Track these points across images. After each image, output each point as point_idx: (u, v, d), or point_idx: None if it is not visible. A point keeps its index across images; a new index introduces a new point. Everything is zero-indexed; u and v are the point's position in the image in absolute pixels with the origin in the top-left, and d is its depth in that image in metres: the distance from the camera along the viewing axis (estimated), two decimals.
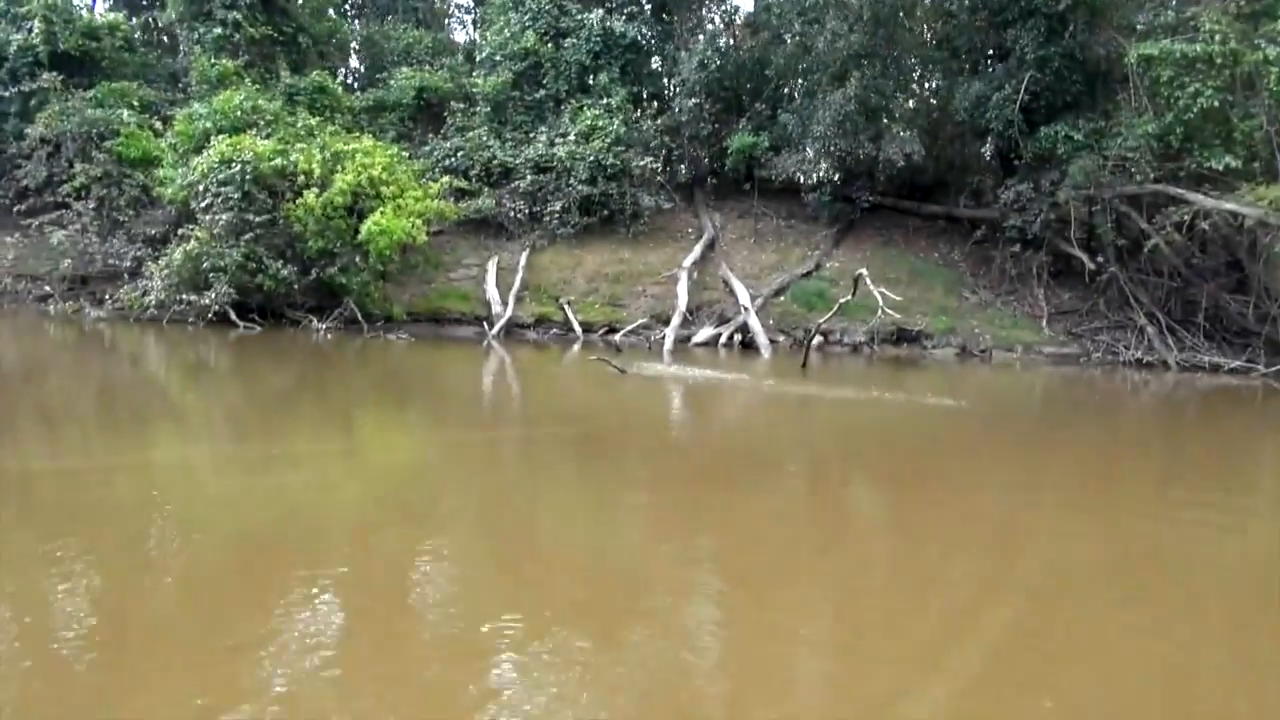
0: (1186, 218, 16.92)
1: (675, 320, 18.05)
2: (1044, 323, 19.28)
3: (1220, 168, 17.11)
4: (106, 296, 19.14)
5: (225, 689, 3.54)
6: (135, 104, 21.84)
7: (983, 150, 21.32)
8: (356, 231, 17.65)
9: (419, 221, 17.98)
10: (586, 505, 6.80)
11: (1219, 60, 17.22)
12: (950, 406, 12.71)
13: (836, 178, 21.12)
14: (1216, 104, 17.11)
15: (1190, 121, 17.46)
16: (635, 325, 18.43)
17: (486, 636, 4.10)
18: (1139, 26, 19.10)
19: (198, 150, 18.98)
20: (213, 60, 22.22)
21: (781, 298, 19.52)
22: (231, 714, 3.33)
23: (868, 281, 15.41)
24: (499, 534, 5.95)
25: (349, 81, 27.61)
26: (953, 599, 5.05)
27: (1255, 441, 12.21)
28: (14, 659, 3.73)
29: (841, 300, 15.98)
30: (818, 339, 17.16)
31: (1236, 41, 17.17)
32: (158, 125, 21.20)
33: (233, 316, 17.50)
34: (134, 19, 27.01)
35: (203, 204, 17.80)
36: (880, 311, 16.00)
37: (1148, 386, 15.95)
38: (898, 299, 16.29)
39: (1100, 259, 18.75)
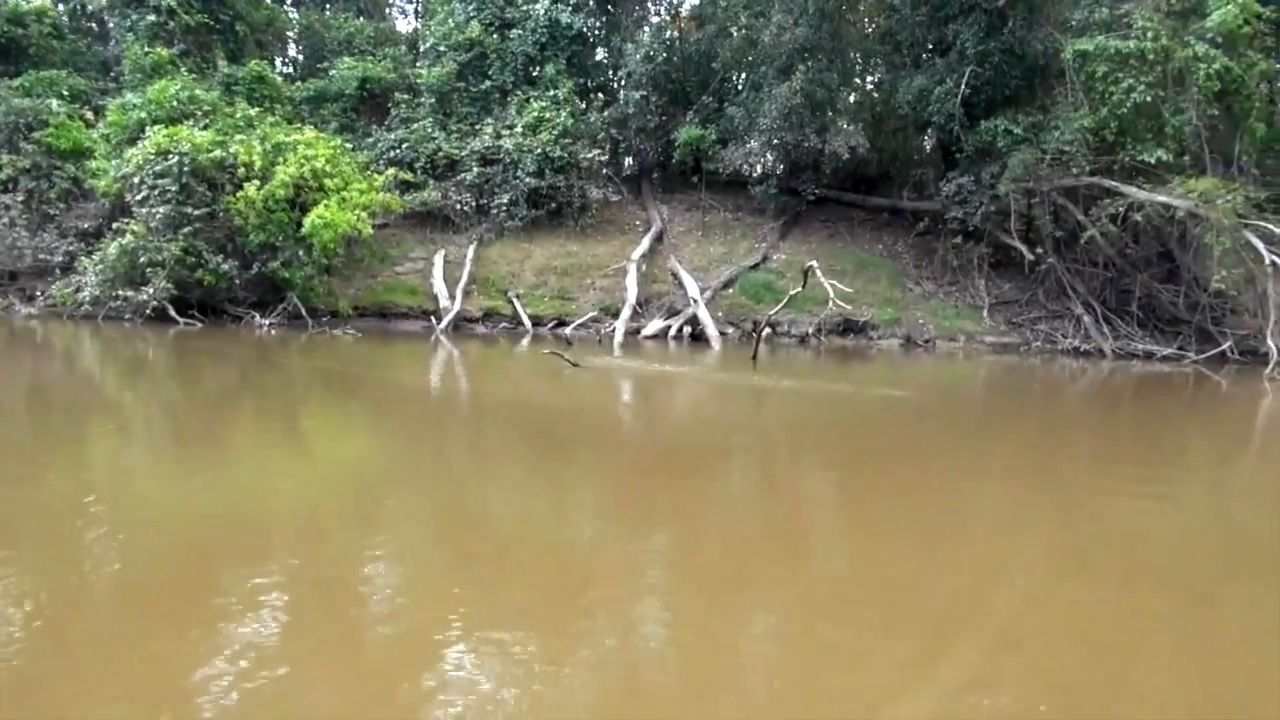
0: (1121, 210, 17.39)
1: (625, 313, 18.06)
2: (985, 313, 19.70)
3: (1152, 161, 17.64)
4: (38, 293, 18.52)
5: (164, 692, 3.46)
6: (65, 93, 21.19)
7: (925, 143, 21.65)
8: (299, 225, 17.33)
9: (364, 214, 17.72)
10: (538, 500, 6.75)
11: (1151, 56, 17.73)
12: (899, 396, 12.91)
13: (782, 170, 21.32)
14: (1149, 99, 17.61)
15: (1124, 116, 17.95)
16: (585, 318, 18.40)
17: (432, 634, 4.04)
18: (1075, 23, 19.52)
19: (132, 141, 18.48)
20: (146, 49, 21.62)
21: (730, 290, 19.64)
22: (171, 716, 3.26)
23: (818, 273, 15.57)
24: (447, 531, 5.87)
25: (288, 71, 27.08)
26: (903, 582, 5.13)
27: (1187, 424, 12.64)
28: None
29: (792, 292, 16.13)
30: (766, 330, 17.29)
31: (1167, 39, 17.68)
32: (89, 115, 20.58)
33: (171, 313, 17.08)
34: (61, 5, 26.12)
35: (138, 197, 17.32)
36: (831, 303, 16.17)
37: (1085, 374, 16.37)
38: (849, 291, 16.46)
39: (1039, 250, 19.20)
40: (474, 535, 5.75)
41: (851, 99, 24.08)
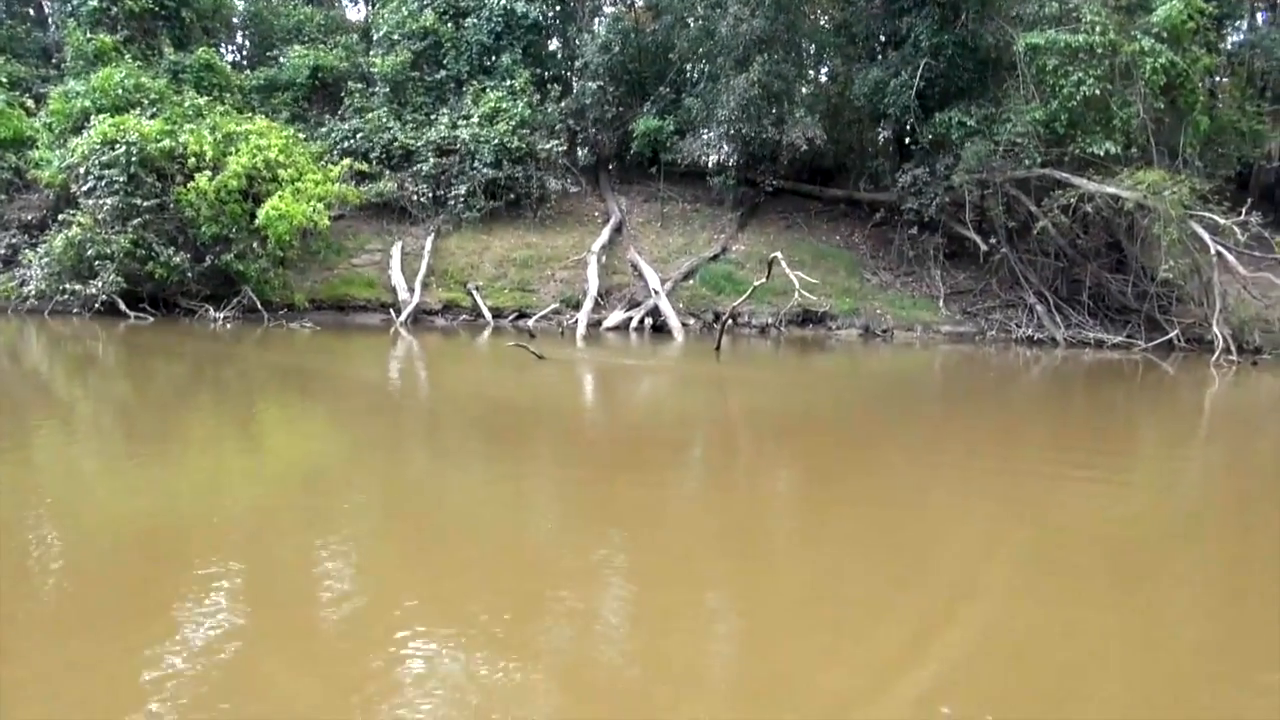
0: (1072, 201, 17.76)
1: (587, 305, 18.01)
2: (941, 302, 20.00)
3: (1101, 153, 18.06)
4: None
5: (116, 692, 3.39)
6: (3, 80, 20.45)
7: (880, 135, 21.89)
8: (253, 216, 16.98)
9: (320, 206, 17.42)
10: (503, 497, 6.69)
11: (1099, 50, 18.16)
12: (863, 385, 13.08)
13: (740, 161, 21.40)
14: (1097, 92, 18.03)
15: (1074, 109, 18.37)
16: (547, 310, 18.31)
17: (389, 632, 3.98)
18: (1026, 17, 19.86)
19: (76, 130, 17.97)
20: (88, 35, 20.98)
21: (690, 281, 19.68)
22: (123, 715, 3.20)
23: (783, 264, 15.65)
24: (404, 528, 5.78)
25: (236, 60, 26.46)
26: (855, 573, 5.20)
27: (1137, 410, 13.00)
28: None
29: (756, 283, 16.18)
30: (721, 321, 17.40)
31: (1115, 33, 18.12)
32: (29, 104, 19.93)
33: (122, 307, 16.65)
34: None
35: (84, 187, 16.85)
36: (796, 294, 16.26)
37: (1038, 362, 16.72)
38: (814, 282, 16.59)
39: (993, 240, 19.53)
40: (433, 532, 5.67)
41: (808, 91, 24.23)
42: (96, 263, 16.45)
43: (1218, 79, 22.62)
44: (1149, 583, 5.16)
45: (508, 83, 21.49)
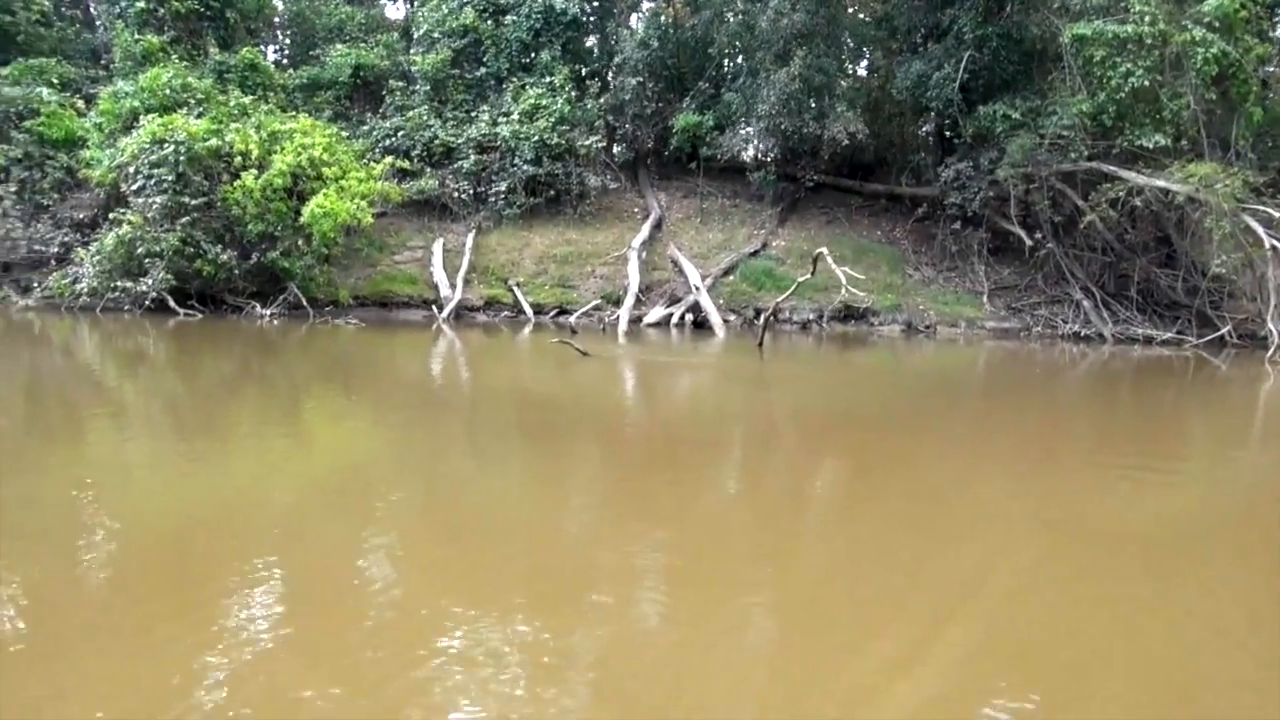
0: (1120, 194, 17.46)
1: (628, 301, 18.01)
2: (985, 298, 19.77)
3: (1150, 146, 17.72)
4: (34, 284, 18.27)
5: (159, 686, 3.43)
6: (55, 81, 20.86)
7: (922, 129, 21.67)
8: (298, 214, 17.18)
9: (363, 203, 17.58)
10: (544, 493, 6.69)
11: (1149, 41, 17.79)
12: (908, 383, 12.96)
13: (780, 156, 21.29)
14: (1146, 84, 17.68)
15: (1122, 101, 18.03)
16: (588, 306, 18.34)
17: (429, 627, 4.02)
18: (1073, 7, 19.53)
19: (126, 130, 18.26)
20: (136, 36, 21.33)
21: (730, 277, 19.62)
22: (166, 710, 3.23)
23: (829, 260, 15.54)
24: (446, 524, 5.81)
25: (279, 59, 26.77)
26: (898, 565, 5.15)
27: (1187, 407, 12.76)
28: None
29: (800, 279, 16.10)
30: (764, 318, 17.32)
31: (1165, 23, 17.74)
32: (80, 104, 20.29)
33: (171, 303, 16.93)
34: None
35: (134, 186, 17.13)
36: (843, 290, 16.15)
37: (1085, 358, 16.47)
38: (860, 278, 16.45)
39: (1038, 235, 19.26)
40: (474, 529, 5.68)
41: (848, 85, 24.02)
42: (146, 260, 16.72)
43: (1271, 69, 22.08)
44: (1189, 583, 5.07)
45: (547, 79, 21.54)
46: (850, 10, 22.60)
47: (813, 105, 20.89)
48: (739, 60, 23.25)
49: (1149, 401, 12.83)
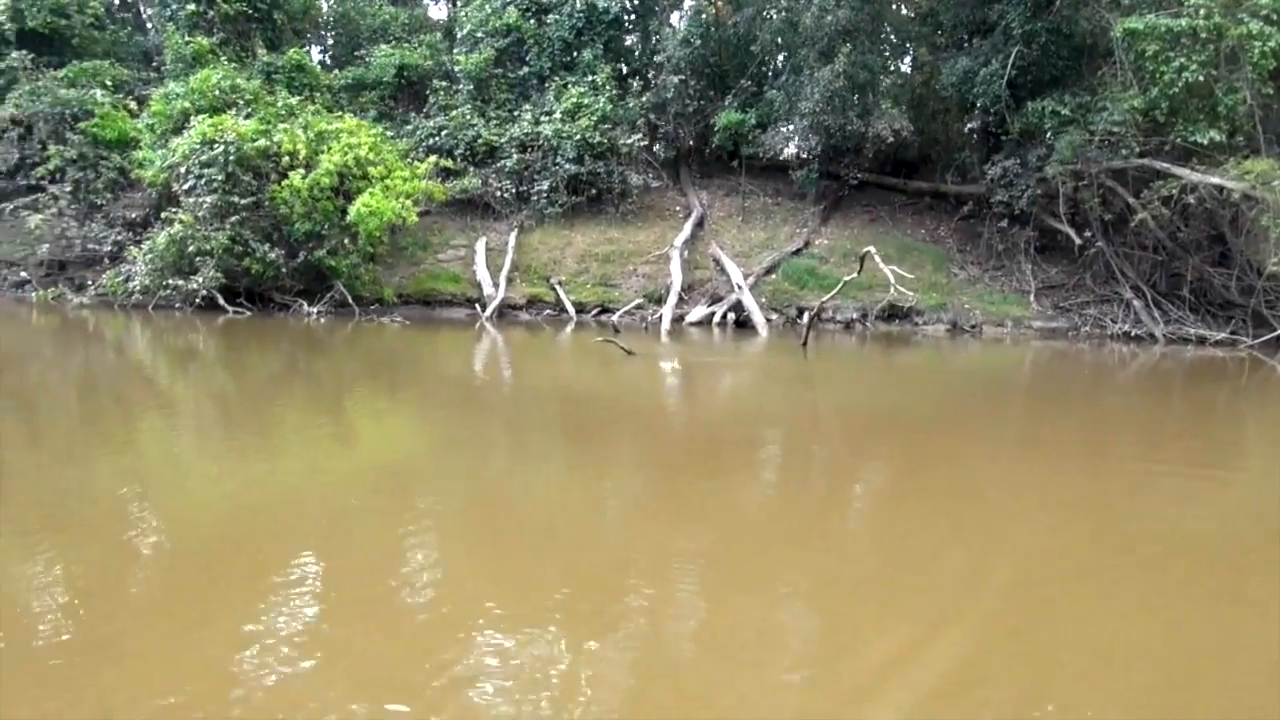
0: (1174, 192, 17.09)
1: (671, 299, 17.99)
2: (1032, 297, 19.46)
3: (1204, 142, 17.31)
4: (88, 282, 18.67)
5: (203, 677, 3.50)
6: (108, 83, 21.29)
7: (968, 126, 21.37)
8: (344, 213, 17.38)
9: (408, 202, 17.73)
10: (588, 491, 6.70)
11: (1203, 35, 17.37)
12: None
13: (823, 154, 21.14)
14: (1201, 79, 17.25)
15: (1175, 96, 17.61)
16: (630, 305, 18.33)
17: (467, 622, 4.07)
18: (1125, 1, 19.16)
19: (176, 131, 18.57)
20: (186, 38, 21.69)
21: (773, 276, 19.51)
22: (204, 706, 3.29)
23: (876, 259, 15.41)
24: (488, 520, 5.85)
25: (324, 60, 27.08)
26: (943, 562, 5.13)
27: (1243, 409, 12.47)
28: None
29: (846, 278, 15.99)
30: (806, 317, 17.21)
31: (1221, 16, 17.31)
32: (132, 105, 20.69)
33: (220, 301, 17.20)
34: None
35: (185, 186, 17.43)
36: (892, 289, 16.03)
37: (1135, 359, 16.17)
38: (909, 276, 16.30)
39: (1087, 233, 18.92)
40: (515, 525, 5.74)
41: (891, 82, 23.78)
42: (197, 259, 17.01)
43: None
44: (1235, 595, 4.96)
45: (589, 78, 21.57)
46: (894, 6, 22.33)
47: (856, 102, 20.68)
48: (781, 58, 23.07)
49: (1202, 403, 12.56)
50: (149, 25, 26.54)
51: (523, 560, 5.07)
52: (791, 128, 21.52)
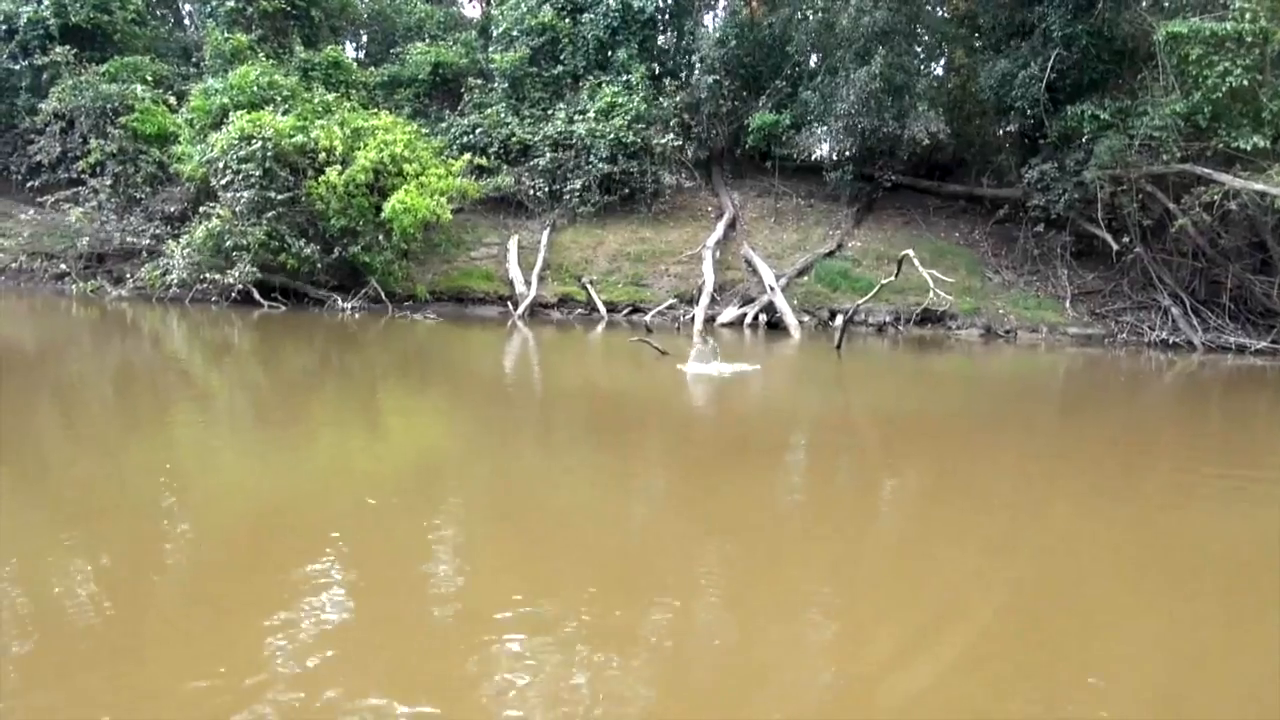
0: (1216, 198, 16.84)
1: (704, 300, 17.97)
2: (1067, 303, 19.24)
3: (1247, 148, 17.05)
4: (127, 275, 18.89)
5: (229, 665, 3.52)
6: (148, 79, 21.56)
7: (1005, 129, 21.18)
8: (379, 210, 17.50)
9: (443, 199, 17.82)
10: (618, 492, 6.68)
11: (1249, 39, 17.10)
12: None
13: (857, 155, 21.03)
14: (1245, 83, 16.99)
15: (1218, 101, 17.35)
16: (664, 305, 18.32)
17: (491, 616, 4.06)
18: (1167, 4, 18.91)
19: (215, 126, 18.77)
20: (226, 34, 21.93)
21: (805, 278, 19.42)
22: (233, 692, 3.31)
23: (915, 262, 15.34)
24: (515, 518, 5.82)
25: (360, 57, 27.30)
26: (966, 571, 5.06)
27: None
28: (20, 638, 3.67)
29: (884, 281, 15.94)
30: (840, 320, 17.13)
31: (1267, 20, 17.04)
32: (172, 100, 20.93)
33: (256, 295, 17.37)
34: None
35: (223, 181, 17.61)
36: (931, 292, 15.98)
37: (1173, 367, 15.94)
38: (949, 280, 16.20)
39: (1125, 239, 18.67)
40: (543, 524, 5.69)
41: (926, 84, 23.60)
42: (234, 253, 17.19)
43: None
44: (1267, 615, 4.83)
45: (624, 78, 21.58)
46: (931, 8, 22.16)
47: (892, 104, 20.55)
48: (815, 58, 22.95)
49: (1241, 413, 12.34)
50: (188, 21, 26.89)
51: (551, 557, 5.07)
52: (826, 129, 21.42)
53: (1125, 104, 18.61)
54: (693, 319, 17.60)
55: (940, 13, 22.97)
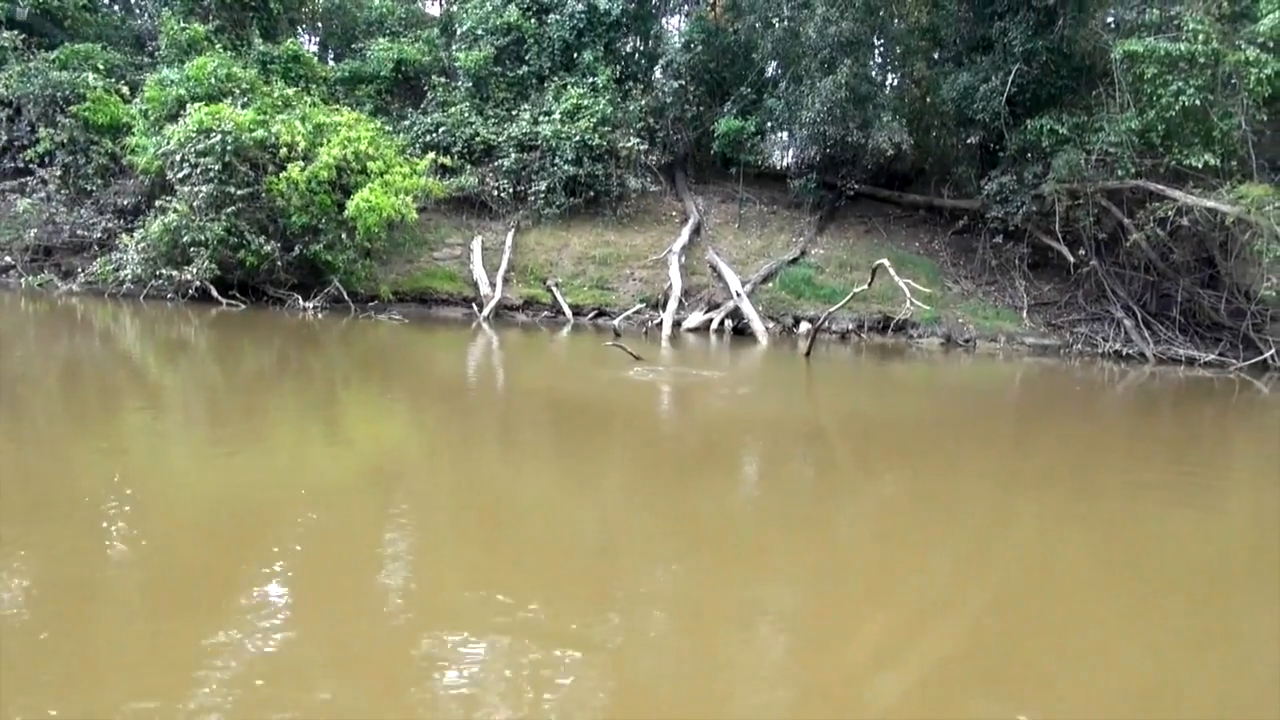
0: (1169, 214, 17.31)
1: (672, 305, 17.97)
2: (1025, 314, 19.64)
3: (1199, 165, 17.55)
4: (77, 269, 18.30)
5: (177, 676, 3.44)
6: (100, 67, 20.87)
7: (966, 140, 21.54)
8: (341, 207, 17.19)
9: (407, 198, 17.57)
10: (584, 497, 6.64)
11: (1201, 60, 17.61)
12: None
13: (821, 164, 21.21)
14: (1197, 103, 17.49)
15: (1171, 119, 17.84)
16: (632, 310, 18.28)
17: (446, 622, 4.05)
18: (1124, 23, 19.39)
19: (171, 118, 18.23)
20: (182, 24, 21.37)
21: (769, 284, 19.54)
22: (185, 698, 3.25)
23: (891, 272, 15.50)
24: (473, 522, 5.78)
25: (319, 52, 26.83)
26: (930, 588, 5.10)
27: (1233, 430, 12.62)
28: None
29: (857, 289, 16.13)
30: (806, 326, 17.29)
31: (1218, 42, 17.57)
32: (125, 90, 20.33)
33: (214, 293, 16.94)
34: None
35: (180, 175, 17.13)
36: (908, 303, 16.16)
37: (1125, 378, 16.33)
38: (926, 291, 16.43)
39: (1081, 252, 19.11)
40: (503, 528, 5.66)
41: (892, 95, 23.91)
42: (191, 249, 16.74)
43: None
44: (1218, 617, 4.98)
45: (589, 80, 21.51)
46: (895, 20, 22.44)
47: (857, 114, 20.78)
48: (773, 66, 23.11)
49: (1190, 423, 12.72)
50: (139, 8, 26.13)
51: (509, 564, 5.02)
52: (790, 136, 21.57)
53: (1083, 119, 19.06)
54: (660, 324, 17.58)
55: (902, 25, 23.25)
